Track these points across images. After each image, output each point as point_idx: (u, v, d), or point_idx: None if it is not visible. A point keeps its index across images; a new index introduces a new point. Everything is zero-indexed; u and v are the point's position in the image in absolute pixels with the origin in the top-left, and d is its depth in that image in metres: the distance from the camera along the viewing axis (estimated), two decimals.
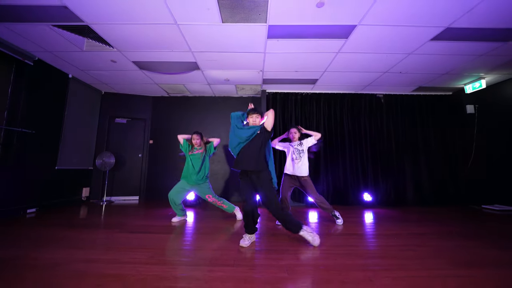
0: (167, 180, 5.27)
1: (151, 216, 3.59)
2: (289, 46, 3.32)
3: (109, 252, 2.04)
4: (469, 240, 2.45)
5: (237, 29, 2.94)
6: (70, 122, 4.37)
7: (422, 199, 4.83)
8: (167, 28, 2.91)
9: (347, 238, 2.52)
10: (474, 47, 3.31)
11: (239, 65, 3.91)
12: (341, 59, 3.71)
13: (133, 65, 3.94)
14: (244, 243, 2.22)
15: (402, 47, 3.34)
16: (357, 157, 5.01)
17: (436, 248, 2.19)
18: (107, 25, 2.87)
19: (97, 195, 4.99)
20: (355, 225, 3.16)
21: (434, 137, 5.09)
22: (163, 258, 1.92)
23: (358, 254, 2.04)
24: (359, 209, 4.40)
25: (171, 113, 5.58)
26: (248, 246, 2.21)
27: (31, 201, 3.64)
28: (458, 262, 1.86)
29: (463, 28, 2.87)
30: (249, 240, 2.25)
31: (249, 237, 2.28)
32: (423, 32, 2.97)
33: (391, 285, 1.50)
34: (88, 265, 1.76)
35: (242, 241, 2.25)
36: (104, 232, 2.70)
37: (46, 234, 2.52)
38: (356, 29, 2.91)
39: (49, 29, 2.96)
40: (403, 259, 1.92)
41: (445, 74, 4.25)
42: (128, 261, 1.84)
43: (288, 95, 5.17)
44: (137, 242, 2.33)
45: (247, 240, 2.25)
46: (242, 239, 2.27)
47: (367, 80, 4.55)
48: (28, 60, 3.55)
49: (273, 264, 1.81)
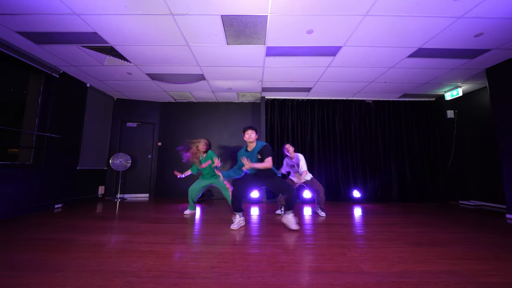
0: (175, 179, 5.77)
1: (164, 210, 4.09)
2: (285, 62, 3.81)
3: (138, 236, 2.53)
4: (428, 227, 2.99)
5: (240, 49, 3.43)
6: (88, 127, 4.85)
7: (406, 196, 5.34)
8: (180, 48, 3.40)
9: (332, 227, 3.03)
10: (446, 62, 3.82)
11: (241, 76, 4.40)
12: (331, 72, 4.20)
13: (146, 76, 4.42)
14: (233, 226, 2.85)
15: (383, 63, 3.84)
16: (348, 157, 5.51)
17: (400, 234, 2.70)
18: (128, 46, 3.36)
19: (111, 193, 5.48)
20: (342, 217, 3.66)
21: (417, 139, 5.60)
22: (183, 240, 2.42)
23: (338, 238, 2.54)
24: (349, 204, 4.90)
25: (178, 117, 6.06)
26: (237, 229, 2.82)
27: (58, 197, 4.13)
28: (411, 242, 2.38)
29: (433, 48, 3.37)
30: (237, 224, 2.87)
31: (238, 220, 2.87)
32: (400, 51, 3.47)
33: (357, 256, 2.00)
34: (126, 244, 2.25)
35: (232, 225, 2.88)
36: (127, 222, 3.19)
37: (80, 224, 3.01)
38: (341, 49, 3.41)
39: (78, 49, 3.45)
40: (372, 241, 2.43)
41: (426, 83, 4.75)
42: (156, 242, 2.34)
43: (285, 101, 5.67)
44: (159, 229, 2.82)
45: (236, 224, 2.87)
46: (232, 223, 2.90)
47: (356, 89, 5.05)
48: (55, 73, 4.03)
49: (270, 244, 2.31)
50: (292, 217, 2.83)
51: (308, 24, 2.84)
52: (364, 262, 1.90)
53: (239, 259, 1.93)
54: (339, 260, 1.92)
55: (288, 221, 2.83)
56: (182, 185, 5.71)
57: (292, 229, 2.76)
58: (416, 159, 5.51)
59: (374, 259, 1.95)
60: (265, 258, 1.96)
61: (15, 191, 3.39)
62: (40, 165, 3.81)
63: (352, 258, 1.97)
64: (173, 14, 2.67)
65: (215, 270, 1.72)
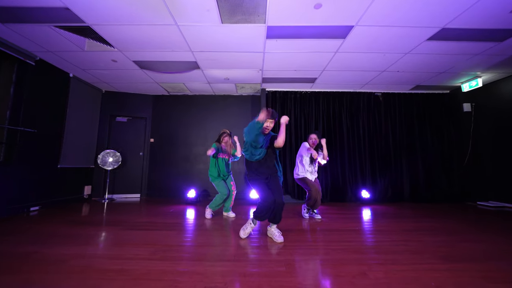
0: (168, 178, 5.36)
1: (153, 213, 3.67)
2: (288, 46, 3.37)
3: (113, 248, 2.11)
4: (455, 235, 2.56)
5: (237, 30, 2.98)
6: (71, 121, 4.42)
7: (419, 196, 4.91)
8: (167, 28, 2.95)
9: (342, 234, 2.60)
10: (469, 46, 3.37)
11: (239, 64, 3.96)
12: (339, 59, 3.76)
13: (134, 64, 3.98)
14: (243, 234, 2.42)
15: (399, 47, 3.39)
16: (355, 154, 5.08)
17: (425, 244, 2.27)
18: (108, 26, 2.92)
19: (99, 193, 5.06)
20: (351, 221, 3.24)
21: (431, 135, 5.16)
22: (165, 254, 1.99)
23: (353, 249, 2.12)
24: (357, 205, 4.48)
25: (172, 111, 5.63)
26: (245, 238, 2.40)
27: (34, 199, 3.71)
28: (442, 256, 1.95)
29: (458, 28, 2.92)
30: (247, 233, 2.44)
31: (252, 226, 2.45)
32: (419, 32, 3.02)
33: (383, 277, 1.58)
34: (93, 260, 1.83)
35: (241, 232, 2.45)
36: (107, 229, 2.77)
37: (52, 231, 2.59)
38: (353, 29, 2.96)
39: (51, 30, 3.01)
40: (395, 254, 2.00)
41: (442, 73, 4.30)
42: (131, 257, 1.91)
43: (287, 94, 5.22)
44: (140, 238, 2.40)
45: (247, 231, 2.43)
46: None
47: (365, 79, 4.60)
48: (29, 60, 3.59)
49: (271, 259, 1.89)
50: (275, 229, 2.40)
51: None
52: (393, 286, 1.47)
53: (231, 282, 1.50)
54: (362, 284, 1.49)
55: (272, 234, 2.40)
56: (175, 185, 5.30)
57: (278, 241, 2.31)
58: (429, 157, 5.08)
59: (404, 282, 1.53)
60: (266, 281, 1.53)
61: None
62: (11, 162, 3.38)
63: (377, 280, 1.55)
64: None
65: None
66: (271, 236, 2.41)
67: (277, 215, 2.36)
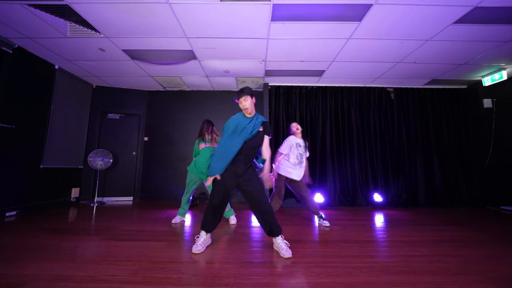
0: (163, 180, 4.98)
1: (144, 219, 3.28)
2: (295, 30, 2.98)
3: (86, 265, 1.72)
4: (494, 247, 2.16)
5: (237, 10, 2.60)
6: (57, 117, 4.04)
7: (435, 200, 4.51)
8: (157, 7, 2.57)
9: (362, 246, 2.21)
10: (501, 31, 2.98)
11: (240, 53, 3.58)
12: (351, 47, 3.37)
13: (124, 54, 3.60)
14: (195, 249, 2.01)
15: (420, 32, 3.01)
16: (366, 155, 4.68)
17: (466, 260, 1.87)
18: (89, 4, 2.54)
19: (88, 196, 4.67)
20: (366, 229, 2.84)
21: (447, 134, 4.77)
22: (149, 273, 1.60)
23: (379, 268, 1.72)
24: (369, 210, 4.08)
25: (167, 108, 5.25)
26: (201, 252, 2.01)
27: (12, 203, 3.33)
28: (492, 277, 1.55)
29: (494, 7, 2.53)
30: (203, 245, 2.07)
31: (204, 238, 2.10)
32: (447, 12, 2.64)
33: None
34: (58, 284, 1.44)
35: (194, 247, 2.04)
36: (88, 239, 2.38)
37: (21, 243, 2.20)
38: (371, 9, 2.58)
39: (25, 9, 2.63)
40: (435, 275, 1.61)
41: (463, 64, 3.91)
42: (106, 278, 1.52)
43: (292, 89, 4.83)
44: (123, 252, 2.01)
45: (200, 244, 2.05)
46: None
47: (377, 72, 4.21)
48: (5, 47, 3.22)
49: (279, 284, 1.49)
50: (281, 240, 2.02)
51: None
52: None
53: None
54: None
55: (278, 247, 2.01)
56: (171, 187, 4.91)
57: (284, 257, 1.92)
58: (446, 157, 4.67)
59: None
60: None
61: None
62: None
63: None
64: None
65: None
66: (278, 250, 2.01)
67: (271, 225, 2.04)
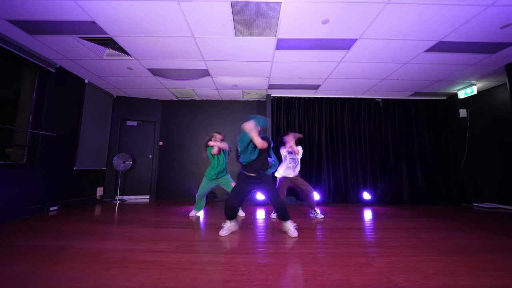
0: (177, 180, 5.55)
1: (166, 213, 3.86)
2: (295, 56, 3.60)
3: (139, 243, 2.31)
4: (452, 232, 2.78)
5: (249, 42, 3.21)
6: (86, 125, 4.62)
7: (417, 198, 5.13)
8: (184, 40, 3.18)
9: (347, 232, 2.81)
10: (464, 58, 3.61)
11: (248, 72, 4.19)
12: (342, 68, 4.00)
13: (148, 71, 4.20)
14: (222, 232, 2.60)
15: (399, 58, 3.64)
16: (357, 158, 5.30)
17: (424, 240, 2.48)
18: (129, 37, 3.14)
19: (110, 194, 5.25)
20: (355, 221, 3.44)
21: (429, 139, 5.40)
22: (189, 248, 2.19)
23: (358, 244, 2.32)
24: (359, 207, 4.69)
25: (179, 116, 5.84)
26: (226, 235, 2.59)
27: (53, 199, 3.90)
28: (439, 250, 2.16)
29: (454, 41, 3.16)
30: (227, 230, 2.65)
31: (229, 225, 2.68)
32: (418, 44, 3.26)
33: (386, 267, 1.79)
34: (126, 253, 2.03)
35: (221, 231, 2.63)
36: (127, 227, 2.96)
37: (78, 229, 2.78)
38: (357, 42, 3.20)
39: (74, 40, 3.22)
40: (397, 248, 2.21)
41: (439, 81, 4.55)
42: (159, 250, 2.11)
43: (291, 99, 5.45)
44: (161, 235, 2.60)
45: (226, 229, 2.64)
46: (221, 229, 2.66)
47: (366, 86, 4.84)
48: (50, 67, 3.80)
49: (285, 252, 2.09)
50: (290, 224, 2.68)
51: (324, 13, 2.63)
52: (396, 274, 1.68)
53: (254, 271, 1.71)
54: (368, 272, 1.70)
55: (287, 228, 2.67)
56: (184, 186, 5.49)
57: (292, 236, 2.56)
58: (428, 160, 5.31)
59: (405, 270, 1.73)
60: (283, 270, 1.74)
61: (7, 192, 3.16)
62: (34, 164, 3.57)
63: (381, 269, 1.75)
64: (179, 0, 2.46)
65: (230, 286, 1.50)
66: (286, 231, 2.64)
67: (283, 214, 2.66)
